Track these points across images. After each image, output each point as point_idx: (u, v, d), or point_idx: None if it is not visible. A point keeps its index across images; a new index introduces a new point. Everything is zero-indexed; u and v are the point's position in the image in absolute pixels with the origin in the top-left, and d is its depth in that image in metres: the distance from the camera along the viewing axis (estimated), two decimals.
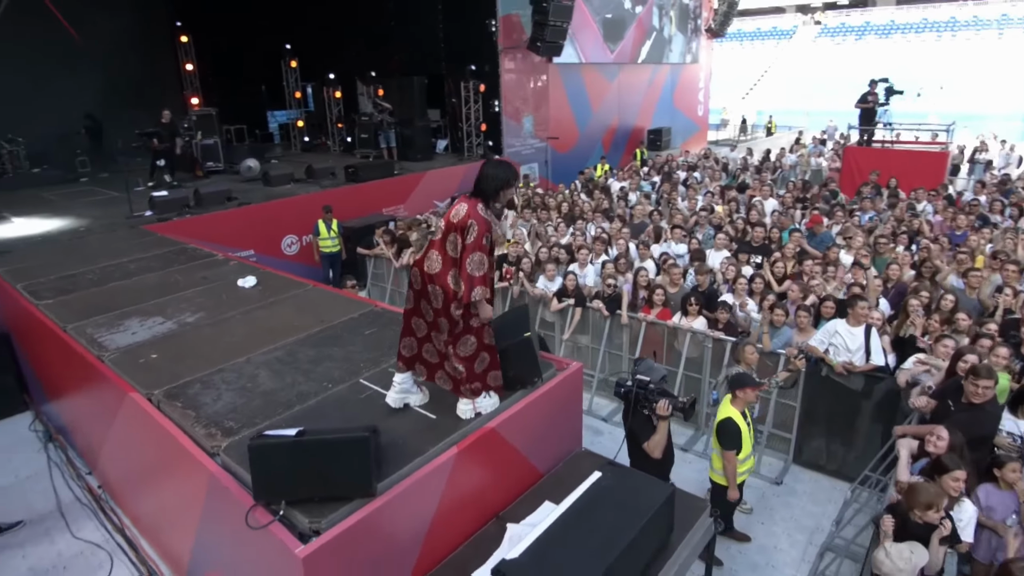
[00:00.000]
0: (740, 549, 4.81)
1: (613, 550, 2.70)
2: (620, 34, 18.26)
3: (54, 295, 6.11)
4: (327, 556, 2.62)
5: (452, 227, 3.18)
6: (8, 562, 5.04)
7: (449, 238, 3.18)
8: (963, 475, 3.48)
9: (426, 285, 3.24)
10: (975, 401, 3.92)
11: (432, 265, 3.21)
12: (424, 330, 3.38)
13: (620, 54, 18.35)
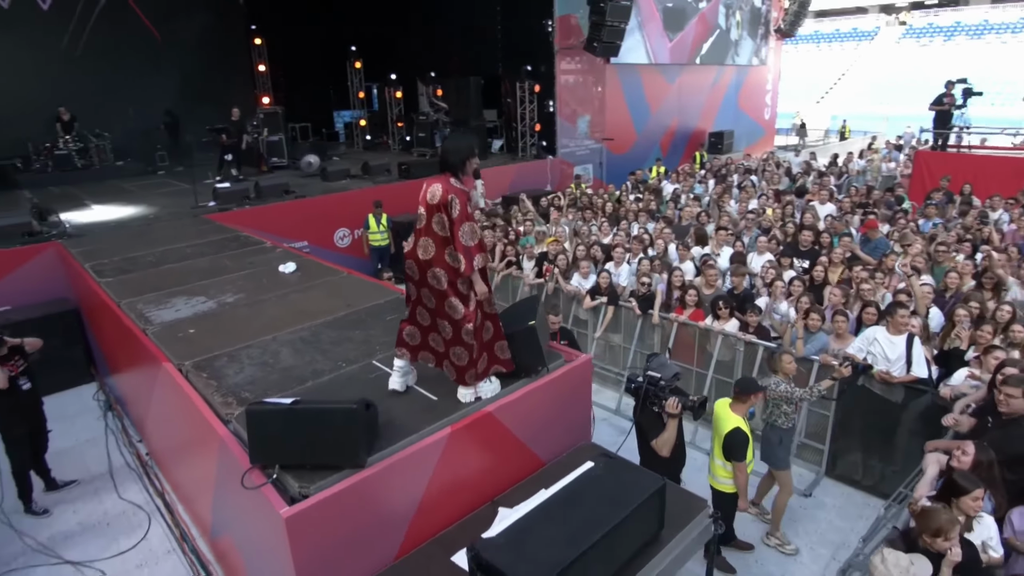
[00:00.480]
0: (756, 558, 4.65)
1: (590, 537, 2.68)
2: (680, 24, 17.84)
3: (115, 274, 6.58)
4: (310, 519, 2.73)
5: (434, 209, 3.24)
6: (60, 515, 5.47)
7: (434, 219, 3.24)
8: (981, 494, 3.24)
9: (425, 273, 3.30)
10: (1003, 411, 3.64)
11: (427, 251, 3.27)
12: (428, 320, 3.43)
13: (679, 46, 17.88)
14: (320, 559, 2.80)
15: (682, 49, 18.10)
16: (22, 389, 5.32)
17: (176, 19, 16.41)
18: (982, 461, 3.42)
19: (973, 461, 3.41)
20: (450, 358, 3.43)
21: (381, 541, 3.05)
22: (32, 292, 8.04)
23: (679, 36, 17.85)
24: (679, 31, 17.84)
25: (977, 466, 3.42)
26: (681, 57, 18.11)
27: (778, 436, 4.61)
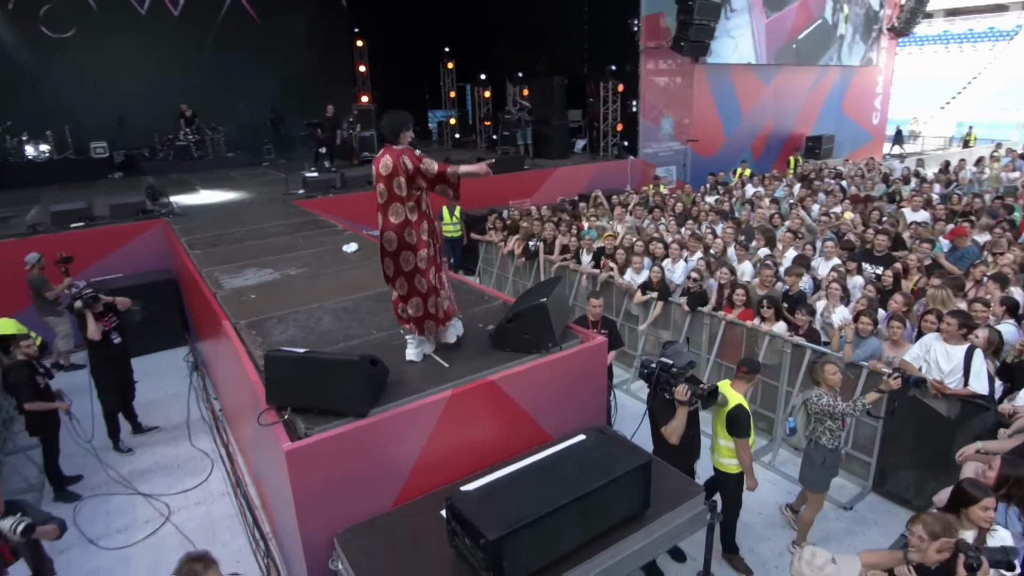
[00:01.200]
0: (778, 564, 4.48)
1: (560, 499, 2.76)
2: (780, 5, 17.04)
3: (204, 247, 7.32)
4: (309, 455, 3.00)
5: (392, 175, 3.51)
6: (140, 455, 6.18)
7: (394, 184, 3.51)
8: (992, 503, 2.98)
9: (403, 235, 3.55)
10: None
11: (398, 215, 3.54)
12: (425, 286, 3.66)
13: (776, 24, 16.96)
14: (318, 494, 3.06)
15: (779, 30, 17.16)
16: (114, 343, 6.06)
17: (286, 23, 17.79)
18: (1010, 476, 3.16)
19: (998, 476, 3.15)
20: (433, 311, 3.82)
21: (378, 488, 3.27)
22: (141, 262, 9.05)
23: (777, 15, 17.01)
24: (778, 10, 17.02)
25: (1004, 482, 3.15)
26: (777, 39, 17.17)
27: (821, 456, 4.31)
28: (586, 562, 2.86)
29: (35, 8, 14.54)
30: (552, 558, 2.78)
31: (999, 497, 3.22)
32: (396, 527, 3.14)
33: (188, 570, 2.62)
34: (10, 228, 9.09)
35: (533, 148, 15.93)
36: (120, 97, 15.49)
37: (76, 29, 15.19)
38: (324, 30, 18.74)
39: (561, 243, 8.67)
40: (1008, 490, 3.21)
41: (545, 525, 2.69)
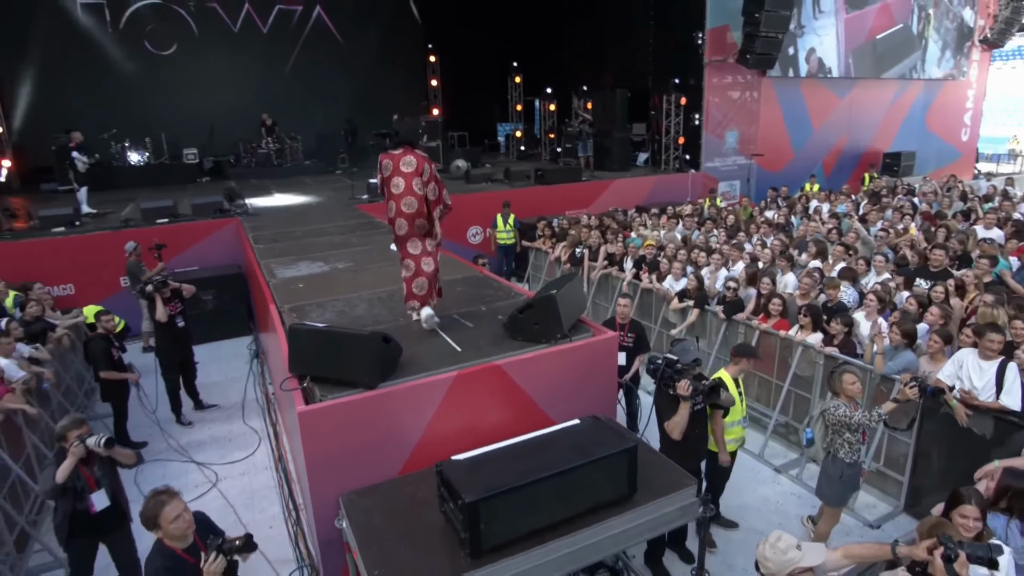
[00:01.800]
0: None
1: (540, 472, 2.91)
2: (861, 3, 16.48)
3: (267, 243, 7.91)
4: (321, 419, 3.30)
5: (413, 173, 4.09)
6: (198, 428, 6.75)
7: (414, 182, 4.08)
8: (973, 511, 2.87)
9: (412, 224, 4.14)
10: None
11: (411, 207, 4.13)
12: (431, 265, 4.19)
13: (855, 22, 16.39)
14: (327, 456, 3.35)
15: (858, 29, 16.57)
16: (178, 326, 6.67)
17: (364, 40, 18.81)
18: (1009, 487, 3.04)
19: (997, 486, 3.04)
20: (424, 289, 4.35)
21: (384, 456, 3.52)
22: (215, 257, 9.84)
23: (857, 13, 16.44)
24: (858, 8, 16.45)
25: (1003, 492, 3.04)
26: (856, 37, 16.58)
27: (839, 470, 4.20)
28: (567, 537, 2.98)
29: (142, 27, 16.09)
30: (531, 528, 2.93)
31: (1000, 509, 3.11)
32: (397, 493, 3.38)
33: (156, 501, 2.91)
34: (107, 222, 10.12)
35: (594, 160, 16.05)
36: (211, 108, 16.80)
37: (176, 46, 16.67)
38: (399, 46, 19.61)
39: (607, 251, 8.77)
40: (1008, 502, 3.09)
41: (523, 495, 2.85)
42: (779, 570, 2.44)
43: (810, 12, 15.96)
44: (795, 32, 15.42)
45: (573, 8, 18.18)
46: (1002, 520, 3.09)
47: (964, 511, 2.94)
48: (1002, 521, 3.09)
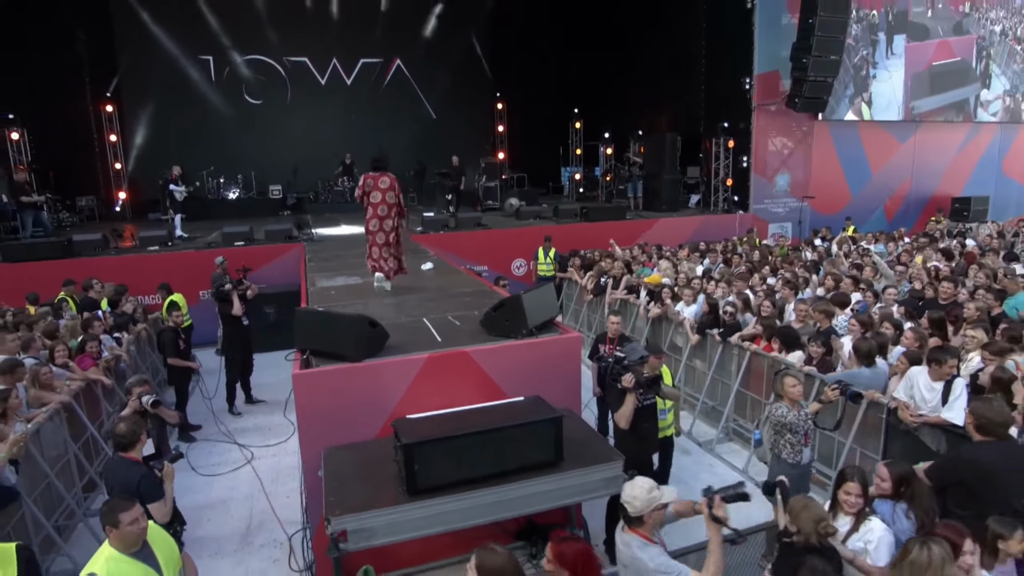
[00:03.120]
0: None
1: (470, 429, 3.51)
2: (920, 36, 16.37)
3: (319, 262, 8.98)
4: (311, 382, 4.06)
5: (388, 189, 6.10)
6: (247, 417, 7.75)
7: (387, 195, 6.10)
8: (855, 488, 3.15)
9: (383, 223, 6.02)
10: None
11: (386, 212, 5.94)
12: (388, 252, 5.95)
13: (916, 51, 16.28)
14: (317, 415, 4.08)
15: (918, 57, 16.47)
16: (243, 324, 7.74)
17: (435, 86, 20.43)
18: (903, 477, 3.31)
19: (894, 479, 3.32)
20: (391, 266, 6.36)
21: (365, 421, 4.21)
22: (280, 277, 11.08)
23: (918, 44, 16.33)
24: (917, 40, 16.34)
25: (900, 482, 3.32)
26: (916, 64, 16.45)
27: (782, 470, 4.36)
28: (495, 488, 3.53)
29: (240, 78, 18.36)
30: (462, 477, 3.50)
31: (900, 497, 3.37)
32: (370, 451, 4.04)
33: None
34: (194, 244, 11.66)
35: (643, 200, 16.56)
36: (296, 149, 18.70)
37: (269, 95, 18.82)
38: (468, 93, 21.06)
39: (629, 282, 9.25)
40: (906, 490, 3.35)
41: (454, 445, 3.46)
42: (645, 507, 2.89)
43: (883, 52, 16.07)
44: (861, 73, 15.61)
45: (631, 57, 19.04)
46: (889, 505, 3.36)
47: (847, 488, 3.27)
48: (889, 506, 3.36)
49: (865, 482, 3.29)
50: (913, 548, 2.69)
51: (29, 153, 14.49)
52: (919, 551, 2.65)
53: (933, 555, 2.61)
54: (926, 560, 2.61)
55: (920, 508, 3.26)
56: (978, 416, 3.42)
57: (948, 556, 2.62)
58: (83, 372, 5.86)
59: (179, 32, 17.42)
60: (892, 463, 3.44)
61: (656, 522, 2.90)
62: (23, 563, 2.86)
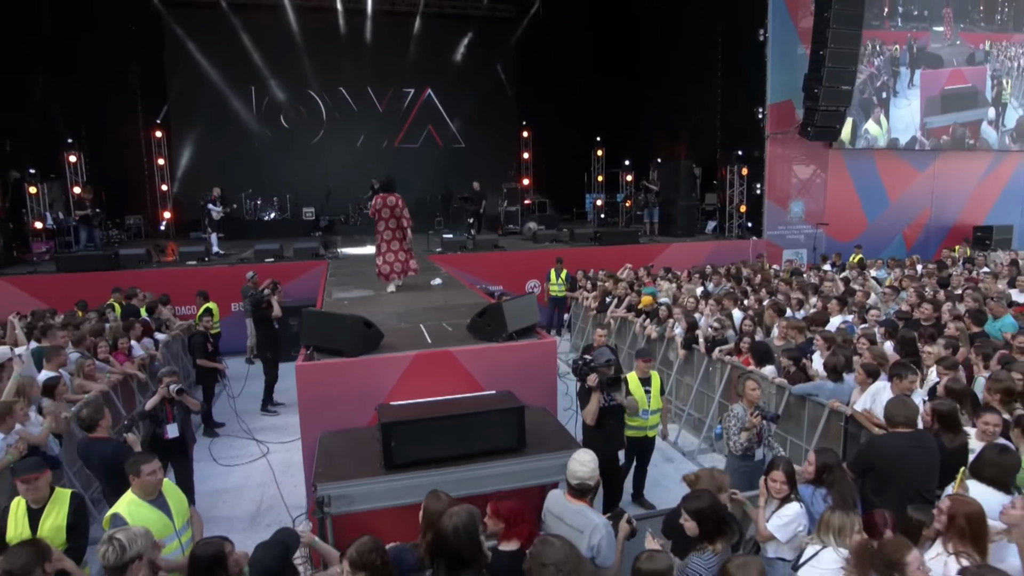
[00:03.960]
0: None
1: (439, 414, 4.03)
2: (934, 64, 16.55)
3: (339, 277, 9.67)
4: (312, 372, 4.64)
5: (392, 207, 7.26)
6: (266, 418, 8.35)
7: (395, 211, 7.26)
8: (780, 476, 3.54)
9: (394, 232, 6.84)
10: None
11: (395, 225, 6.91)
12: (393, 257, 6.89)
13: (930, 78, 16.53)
14: (315, 402, 4.66)
15: (932, 83, 16.71)
16: (275, 328, 8.43)
17: (463, 114, 21.32)
18: (826, 465, 3.68)
19: (818, 465, 3.69)
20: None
21: (358, 410, 4.75)
22: (305, 292, 11.80)
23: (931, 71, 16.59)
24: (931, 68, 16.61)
25: (822, 469, 3.68)
26: (929, 88, 16.67)
27: (735, 464, 4.83)
28: (462, 468, 4.03)
29: (279, 106, 19.57)
30: (432, 456, 4.00)
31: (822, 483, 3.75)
32: (361, 436, 4.56)
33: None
34: (229, 260, 12.54)
35: (659, 226, 16.98)
36: (330, 173, 19.72)
37: (306, 122, 19.97)
38: (496, 120, 21.86)
39: (631, 301, 9.68)
40: (825, 476, 3.72)
41: (427, 427, 3.98)
42: (590, 476, 3.35)
43: (905, 83, 16.34)
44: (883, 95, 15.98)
45: (651, 87, 19.66)
46: (810, 489, 3.73)
47: (774, 476, 3.66)
48: (809, 490, 3.73)
49: (791, 471, 3.68)
50: (826, 514, 3.12)
51: (85, 174, 15.77)
52: (830, 515, 3.10)
53: (842, 519, 3.05)
54: (838, 523, 3.04)
55: (838, 493, 3.62)
56: (889, 411, 3.79)
57: (854, 524, 3.03)
58: (121, 367, 6.58)
59: (223, 64, 18.71)
60: (821, 451, 3.82)
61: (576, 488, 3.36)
62: (73, 506, 3.47)
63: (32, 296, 10.74)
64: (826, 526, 3.05)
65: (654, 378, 5.37)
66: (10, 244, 12.56)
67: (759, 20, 14.84)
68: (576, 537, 3.03)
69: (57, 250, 13.56)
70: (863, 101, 15.85)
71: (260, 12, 18.54)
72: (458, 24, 20.85)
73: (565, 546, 2.59)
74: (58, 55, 15.27)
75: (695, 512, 3.05)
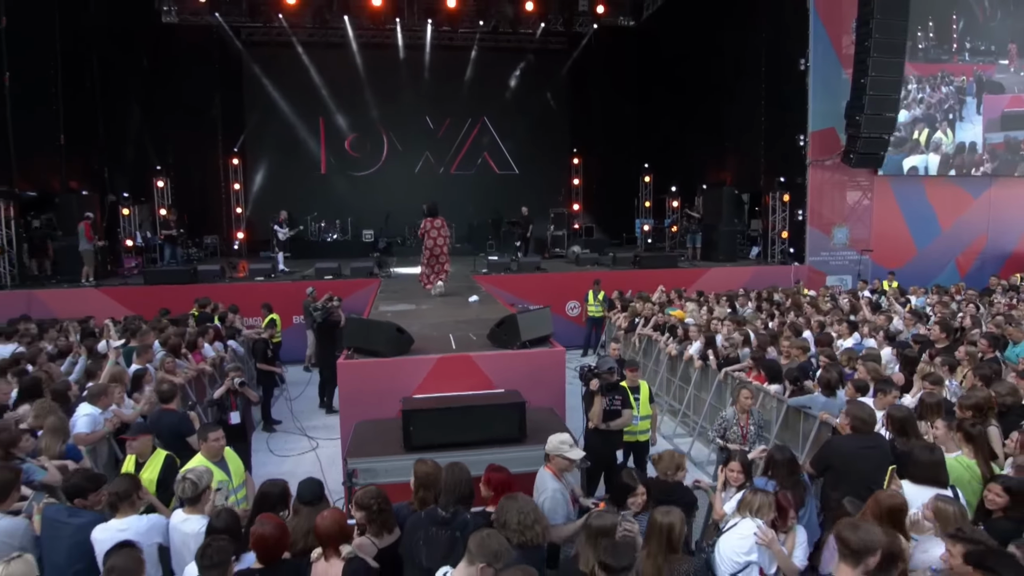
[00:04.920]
0: None
1: (452, 405, 4.72)
2: (996, 90, 16.39)
3: (388, 293, 10.59)
4: (351, 369, 5.46)
5: (440, 228, 7.97)
6: (321, 416, 9.25)
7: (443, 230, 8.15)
8: (737, 466, 4.00)
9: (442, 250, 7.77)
10: None
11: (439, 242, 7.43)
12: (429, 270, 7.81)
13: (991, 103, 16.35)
14: (353, 396, 5.45)
15: (993, 106, 16.54)
16: (336, 338, 9.38)
17: (519, 140, 22.19)
18: (772, 458, 4.14)
19: (766, 459, 4.15)
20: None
21: (389, 403, 5.48)
22: (361, 306, 12.77)
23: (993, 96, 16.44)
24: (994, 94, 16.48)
25: (768, 462, 4.14)
26: (990, 112, 16.46)
27: (722, 458, 5.29)
28: (469, 451, 4.67)
29: (343, 136, 21.10)
30: (445, 440, 4.68)
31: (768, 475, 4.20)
32: (389, 425, 5.28)
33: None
34: (292, 277, 13.77)
35: (701, 251, 17.28)
36: (389, 198, 20.88)
37: (368, 150, 21.40)
38: (547, 147, 22.61)
39: (658, 321, 10.15)
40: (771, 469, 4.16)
41: (440, 416, 4.68)
42: (552, 450, 3.95)
43: (972, 110, 16.25)
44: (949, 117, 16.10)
45: (697, 115, 20.01)
46: (763, 480, 4.18)
47: (731, 466, 4.16)
48: (763, 480, 4.18)
49: (746, 463, 4.16)
50: (748, 495, 3.62)
51: (170, 198, 17.57)
52: (751, 496, 3.60)
53: (760, 499, 3.54)
54: (757, 503, 3.53)
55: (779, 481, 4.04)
56: (850, 415, 4.22)
57: (770, 504, 3.51)
58: (195, 365, 7.61)
59: (294, 97, 20.36)
60: (775, 448, 4.27)
61: (559, 467, 3.96)
62: (165, 466, 4.34)
63: (123, 305, 12.15)
64: (747, 505, 3.53)
65: (643, 387, 5.89)
66: (105, 260, 14.19)
67: (800, 50, 15.13)
68: (535, 494, 3.67)
69: (145, 265, 15.20)
70: (928, 116, 15.96)
71: (328, 50, 20.15)
72: (512, 56, 21.89)
73: (527, 500, 3.21)
74: (152, 91, 17.21)
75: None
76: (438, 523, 3.31)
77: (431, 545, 3.24)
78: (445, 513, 3.32)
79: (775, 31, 16.23)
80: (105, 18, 15.05)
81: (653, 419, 6.24)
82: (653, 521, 3.16)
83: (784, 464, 4.09)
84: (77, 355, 7.10)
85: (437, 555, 3.18)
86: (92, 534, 3.26)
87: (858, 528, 2.74)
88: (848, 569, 2.68)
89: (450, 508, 3.33)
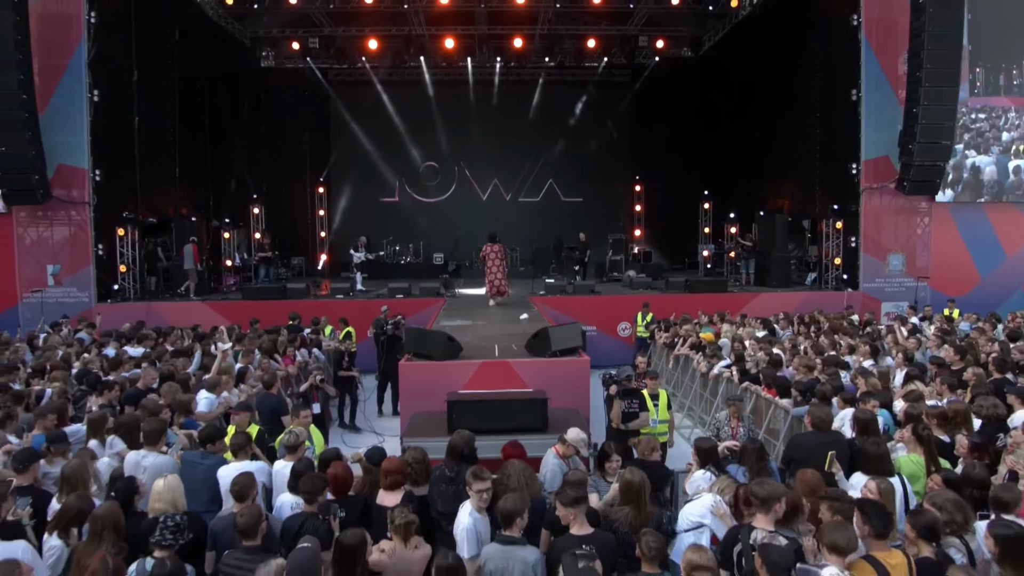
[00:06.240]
0: None
1: (487, 399, 5.80)
2: None
3: (449, 312, 11.86)
4: (410, 369, 6.67)
5: (497, 251, 9.37)
6: (388, 419, 10.55)
7: (500, 254, 9.52)
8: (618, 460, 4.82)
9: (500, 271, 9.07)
10: None
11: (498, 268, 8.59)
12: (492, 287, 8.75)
13: None
14: (411, 391, 6.64)
15: None
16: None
17: (580, 170, 23.23)
18: (744, 447, 4.92)
19: (742, 448, 4.95)
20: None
21: (439, 399, 6.61)
22: (424, 321, 14.15)
23: None
24: None
25: (742, 451, 4.93)
26: None
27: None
28: (500, 437, 5.73)
29: (417, 165, 22.90)
30: (481, 427, 5.72)
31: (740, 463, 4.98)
32: (438, 417, 6.39)
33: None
34: (368, 295, 15.37)
35: (755, 277, 17.67)
36: (459, 224, 22.41)
37: (440, 179, 23.10)
38: (609, 175, 23.51)
39: (693, 341, 10.87)
40: (742, 457, 4.94)
41: (477, 407, 5.77)
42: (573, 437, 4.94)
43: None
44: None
45: (754, 143, 20.44)
46: (735, 467, 4.97)
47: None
48: (735, 468, 4.96)
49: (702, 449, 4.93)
50: (720, 480, 4.46)
51: (264, 223, 19.79)
52: (722, 481, 4.43)
53: (726, 483, 4.38)
54: (723, 484, 4.38)
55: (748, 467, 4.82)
56: (812, 415, 4.99)
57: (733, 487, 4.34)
58: (286, 367, 9.09)
59: (374, 130, 22.38)
60: (748, 441, 5.07)
61: (565, 452, 4.95)
62: (256, 438, 5.63)
63: (223, 316, 14.03)
64: (715, 484, 4.37)
65: (661, 395, 6.71)
66: (209, 277, 16.31)
67: (853, 80, 15.48)
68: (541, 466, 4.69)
69: (242, 283, 17.28)
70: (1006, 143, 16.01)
71: (405, 87, 22.09)
72: (576, 88, 23.13)
73: (522, 465, 4.23)
74: (251, 128, 19.60)
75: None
76: (446, 480, 4.36)
77: (443, 497, 4.30)
78: (450, 472, 4.38)
79: (828, 61, 16.63)
80: (214, 65, 17.46)
81: (671, 423, 7.07)
82: (624, 480, 4.10)
83: (753, 452, 4.90)
84: (194, 353, 8.71)
85: (447, 503, 4.22)
86: (218, 472, 4.55)
87: (764, 483, 3.59)
88: (762, 517, 3.53)
89: (454, 468, 4.38)
